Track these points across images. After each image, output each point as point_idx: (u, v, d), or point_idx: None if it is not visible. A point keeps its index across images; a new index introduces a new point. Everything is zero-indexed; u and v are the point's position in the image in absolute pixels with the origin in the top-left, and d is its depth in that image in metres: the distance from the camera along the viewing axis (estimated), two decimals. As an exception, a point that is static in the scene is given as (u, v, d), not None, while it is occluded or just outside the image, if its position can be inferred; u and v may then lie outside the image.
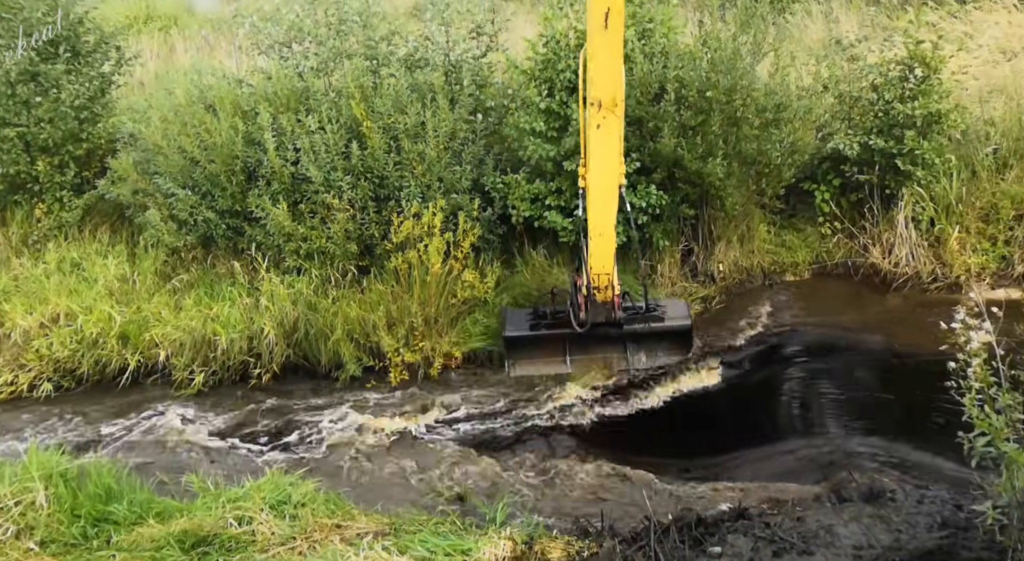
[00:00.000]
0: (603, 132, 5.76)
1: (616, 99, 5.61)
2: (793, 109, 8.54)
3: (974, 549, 4.28)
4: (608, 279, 6.62)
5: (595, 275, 6.59)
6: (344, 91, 8.19)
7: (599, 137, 5.79)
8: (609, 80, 5.57)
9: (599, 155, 5.91)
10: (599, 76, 5.54)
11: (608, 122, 5.70)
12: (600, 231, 6.33)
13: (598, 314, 6.79)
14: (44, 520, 4.67)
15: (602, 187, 6.08)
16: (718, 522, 4.83)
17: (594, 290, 6.64)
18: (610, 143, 5.85)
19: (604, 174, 6.00)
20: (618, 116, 5.71)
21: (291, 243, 7.92)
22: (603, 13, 5.27)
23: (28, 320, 7.76)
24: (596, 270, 6.56)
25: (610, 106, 5.64)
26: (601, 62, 5.50)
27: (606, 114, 5.65)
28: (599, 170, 5.99)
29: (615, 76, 5.59)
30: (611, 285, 6.68)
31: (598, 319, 6.80)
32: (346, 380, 7.57)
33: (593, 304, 6.75)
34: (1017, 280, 8.57)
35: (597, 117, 5.68)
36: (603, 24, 5.29)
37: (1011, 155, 9.10)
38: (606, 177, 6.02)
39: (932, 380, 4.46)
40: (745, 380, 7.53)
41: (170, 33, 14.89)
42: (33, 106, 8.73)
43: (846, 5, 13.39)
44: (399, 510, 5.38)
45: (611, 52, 5.45)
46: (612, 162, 5.96)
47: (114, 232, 9.03)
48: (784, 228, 9.42)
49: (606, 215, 6.25)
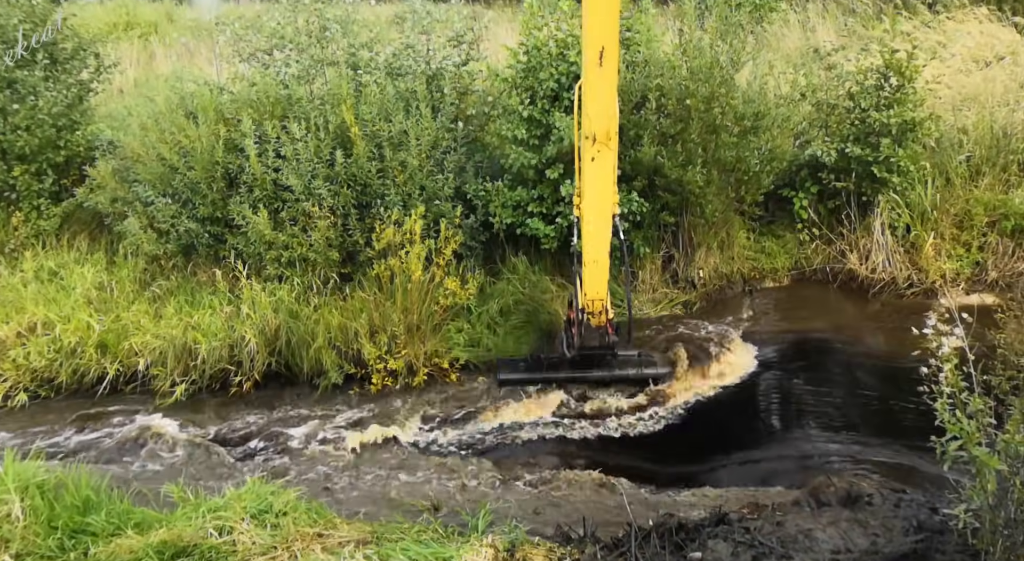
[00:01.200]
0: (597, 165, 5.97)
1: (610, 133, 5.83)
2: (771, 117, 8.65)
3: (948, 552, 4.34)
4: (602, 304, 6.74)
5: (589, 300, 6.70)
6: (327, 98, 8.18)
7: (594, 169, 6.00)
8: (603, 115, 5.77)
9: (594, 186, 6.10)
10: (594, 111, 5.74)
11: (602, 155, 5.92)
12: (594, 258, 6.48)
13: (592, 339, 6.88)
14: (20, 532, 4.60)
15: (596, 216, 6.27)
16: (698, 527, 4.86)
17: (588, 315, 6.75)
18: (604, 175, 6.04)
19: (598, 204, 6.18)
20: (612, 149, 5.93)
21: (272, 251, 7.89)
22: (598, 51, 5.47)
23: (4, 329, 7.66)
24: (590, 296, 6.68)
25: (604, 140, 5.84)
26: (596, 98, 5.69)
27: (600, 148, 5.86)
28: (593, 200, 6.18)
29: (609, 111, 5.79)
30: (605, 310, 6.77)
31: (591, 343, 6.90)
32: (328, 388, 7.53)
33: (587, 329, 6.83)
34: (990, 285, 8.74)
35: (592, 150, 5.88)
36: (598, 62, 5.49)
37: (984, 163, 9.28)
38: (600, 207, 6.20)
39: (907, 385, 4.52)
40: (723, 386, 7.58)
41: (150, 40, 14.81)
42: (10, 113, 8.65)
43: (823, 14, 13.59)
44: (381, 518, 5.36)
45: (606, 88, 5.65)
46: (606, 192, 6.16)
47: (93, 240, 8.95)
48: (763, 235, 9.54)
49: (600, 243, 6.41)
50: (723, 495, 5.91)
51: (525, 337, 7.95)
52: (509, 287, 8.21)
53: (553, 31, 8.11)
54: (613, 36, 5.48)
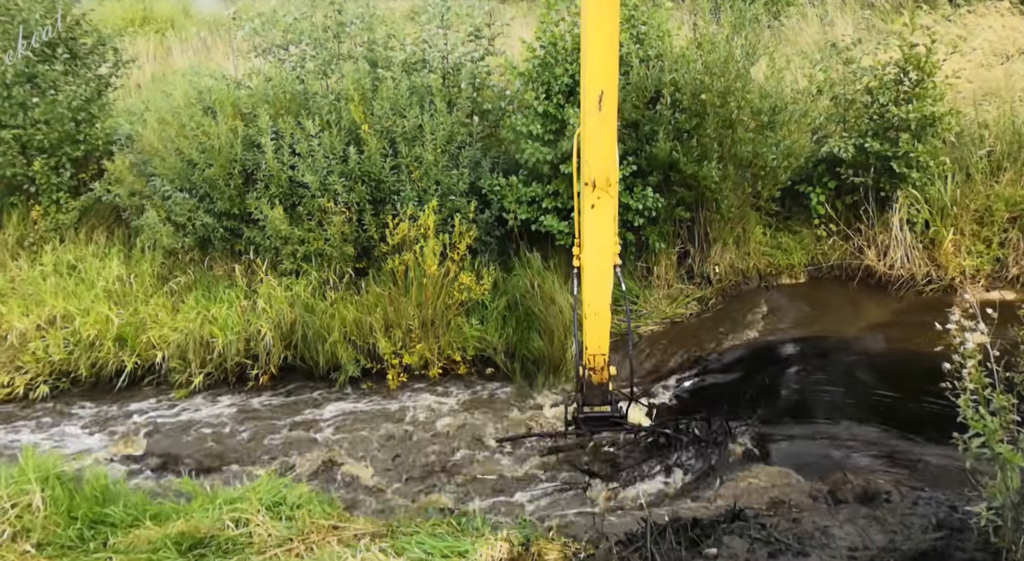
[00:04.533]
0: (597, 212, 5.75)
1: (610, 179, 5.63)
2: (788, 112, 8.58)
3: (968, 550, 4.30)
4: (604, 359, 6.32)
5: (590, 355, 6.29)
6: (343, 94, 8.21)
7: (593, 218, 5.78)
8: (603, 161, 5.58)
9: (594, 235, 5.88)
10: (593, 157, 5.55)
11: (602, 202, 5.70)
12: (595, 310, 6.16)
13: (593, 397, 6.43)
14: (40, 522, 4.66)
15: (597, 267, 6.01)
16: (714, 523, 4.84)
17: (589, 371, 6.34)
18: (604, 223, 5.82)
19: (598, 254, 5.94)
20: (612, 196, 5.69)
21: (288, 246, 7.93)
22: (597, 95, 5.30)
23: (25, 322, 7.75)
24: (591, 350, 6.28)
25: (604, 186, 5.63)
26: (595, 143, 5.49)
27: (600, 194, 5.64)
28: (594, 250, 5.94)
29: (609, 156, 5.60)
30: (606, 366, 6.35)
31: (593, 402, 6.45)
32: (344, 382, 7.58)
33: (588, 386, 6.39)
34: (1011, 282, 8.63)
35: (591, 197, 5.67)
36: (597, 106, 5.33)
37: (1005, 158, 9.15)
38: (600, 257, 5.95)
39: (927, 382, 4.47)
40: (742, 381, 7.55)
41: (167, 35, 14.90)
42: (30, 108, 8.74)
43: (841, 8, 13.46)
44: (396, 512, 5.39)
45: (605, 133, 5.46)
46: (606, 242, 5.92)
47: (111, 234, 9.03)
48: (780, 230, 9.47)
49: (601, 294, 6.12)
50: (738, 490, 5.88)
51: (527, 334, 7.90)
52: (522, 283, 8.21)
53: (569, 26, 8.08)
54: (612, 80, 5.31)
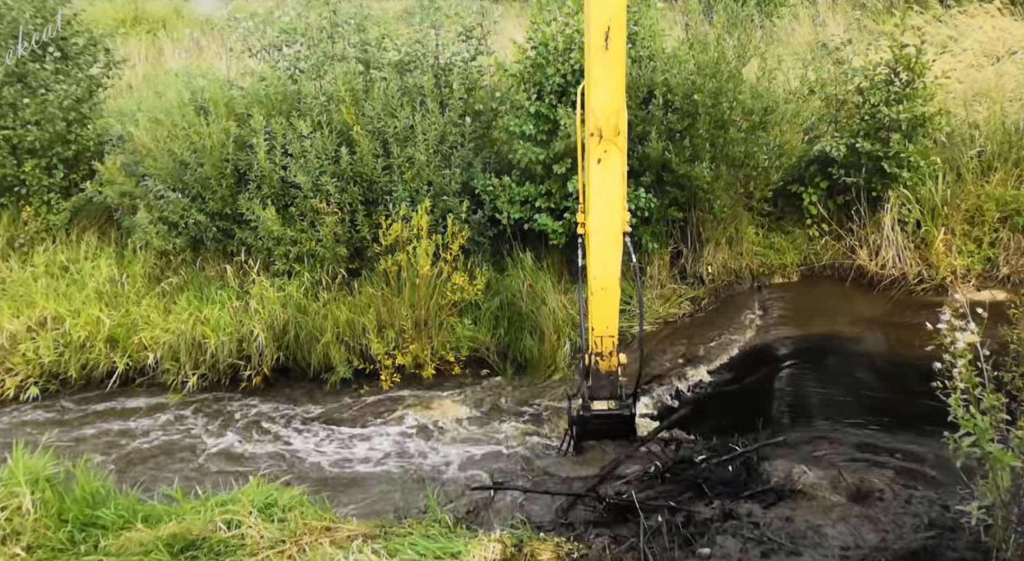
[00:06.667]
0: (604, 168, 5.10)
1: (618, 127, 5.02)
2: (780, 112, 8.60)
3: (959, 549, 4.32)
4: (612, 342, 5.56)
5: (597, 337, 5.56)
6: (335, 95, 8.19)
7: (600, 174, 5.11)
8: (610, 106, 5.00)
9: (600, 196, 5.18)
10: (599, 103, 4.98)
11: (610, 156, 5.06)
12: (603, 285, 5.43)
13: (601, 389, 5.63)
14: (31, 525, 4.63)
15: (604, 234, 5.28)
16: (707, 522, 4.85)
17: (595, 357, 5.60)
18: (612, 181, 5.15)
19: (606, 218, 5.22)
20: (621, 148, 5.07)
21: (281, 246, 7.91)
22: (603, 32, 4.81)
23: (15, 323, 7.70)
24: (599, 332, 5.54)
25: (612, 136, 5.01)
26: (602, 87, 4.96)
27: (607, 146, 5.03)
28: (601, 214, 5.21)
29: (617, 101, 5.01)
30: (615, 351, 5.58)
31: (601, 395, 5.65)
32: (336, 383, 7.56)
33: (595, 376, 5.62)
34: (1002, 282, 8.67)
35: (598, 150, 5.04)
36: (603, 44, 4.84)
37: (995, 158, 9.20)
38: (608, 222, 5.23)
39: (919, 381, 4.49)
40: (735, 381, 7.56)
41: (158, 36, 14.83)
42: (20, 108, 8.68)
43: (832, 8, 13.51)
44: (388, 514, 5.38)
45: (613, 75, 4.92)
46: (615, 204, 5.21)
47: (102, 235, 8.98)
48: (772, 230, 9.50)
49: (609, 267, 5.40)
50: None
51: (519, 334, 7.90)
52: (514, 283, 8.20)
53: (560, 26, 8.08)
54: (621, 12, 4.75)
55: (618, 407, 5.67)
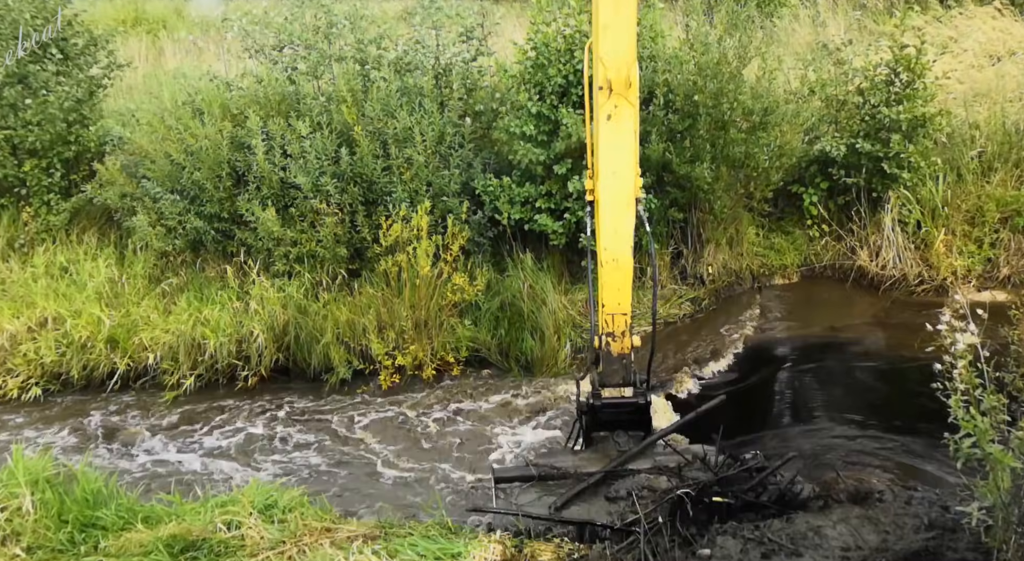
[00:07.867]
0: (615, 125, 4.68)
1: (630, 78, 4.60)
2: (780, 113, 8.60)
3: (960, 550, 4.31)
4: (625, 322, 5.06)
5: (608, 315, 5.07)
6: (334, 95, 8.19)
7: (610, 132, 4.69)
8: (621, 55, 4.56)
9: (611, 156, 4.75)
10: (609, 52, 4.55)
11: (620, 112, 4.65)
12: (614, 256, 4.97)
13: (613, 374, 5.14)
14: (31, 526, 4.63)
15: (615, 198, 4.86)
16: (707, 523, 4.84)
17: (606, 336, 5.12)
18: (623, 140, 4.73)
19: (617, 181, 4.81)
20: (632, 104, 4.67)
21: (281, 247, 7.91)
22: None
23: (15, 324, 7.70)
24: (610, 308, 5.05)
25: (622, 89, 4.58)
26: (612, 33, 4.53)
27: (618, 101, 4.61)
28: (611, 176, 4.77)
29: (629, 49, 4.57)
30: (628, 332, 5.08)
31: (613, 381, 5.17)
32: (335, 384, 7.55)
33: (607, 360, 5.14)
34: (1002, 282, 8.67)
35: (607, 105, 4.62)
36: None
37: (996, 158, 9.20)
38: (620, 186, 4.82)
39: (919, 382, 4.49)
40: (735, 381, 7.55)
41: (158, 37, 14.83)
42: (21, 109, 8.68)
43: (833, 9, 13.51)
44: (388, 514, 5.38)
45: (624, 19, 4.50)
46: (626, 165, 4.80)
47: (102, 236, 8.98)
48: (772, 231, 9.50)
49: (621, 235, 4.94)
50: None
51: (519, 334, 7.89)
52: (515, 284, 8.20)
53: (561, 27, 8.08)
54: None
55: (632, 395, 5.21)
